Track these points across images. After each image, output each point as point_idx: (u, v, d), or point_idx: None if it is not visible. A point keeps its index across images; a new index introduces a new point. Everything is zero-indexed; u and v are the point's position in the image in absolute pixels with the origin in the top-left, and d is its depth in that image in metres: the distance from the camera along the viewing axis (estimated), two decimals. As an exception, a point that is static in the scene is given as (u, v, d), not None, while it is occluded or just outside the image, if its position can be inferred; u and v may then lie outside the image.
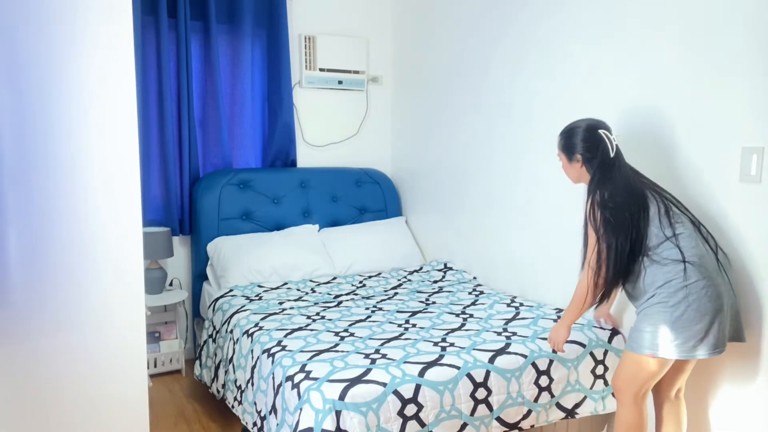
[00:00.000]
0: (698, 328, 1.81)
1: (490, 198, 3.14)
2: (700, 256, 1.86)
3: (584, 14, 2.52)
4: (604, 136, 1.99)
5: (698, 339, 1.82)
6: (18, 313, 1.82)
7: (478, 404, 2.05)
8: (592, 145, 1.99)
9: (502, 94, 3.02)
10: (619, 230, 1.87)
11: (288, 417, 1.97)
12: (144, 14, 3.23)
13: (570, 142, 2.05)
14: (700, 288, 1.81)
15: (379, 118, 4.04)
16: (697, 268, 1.83)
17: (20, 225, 1.79)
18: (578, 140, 2.03)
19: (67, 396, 1.90)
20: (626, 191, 1.91)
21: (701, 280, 1.82)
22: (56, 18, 1.77)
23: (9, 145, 1.76)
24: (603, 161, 1.97)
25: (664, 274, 1.85)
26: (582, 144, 2.01)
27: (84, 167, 1.84)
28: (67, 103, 1.81)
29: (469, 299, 2.87)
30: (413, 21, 3.76)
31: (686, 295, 1.81)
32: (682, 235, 1.88)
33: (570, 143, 2.05)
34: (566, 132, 2.08)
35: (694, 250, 1.86)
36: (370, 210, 3.81)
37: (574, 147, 2.04)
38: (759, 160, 1.90)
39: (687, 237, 1.88)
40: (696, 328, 1.81)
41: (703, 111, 2.07)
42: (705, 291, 1.81)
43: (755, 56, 1.91)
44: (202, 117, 3.49)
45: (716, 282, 1.84)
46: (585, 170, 2.03)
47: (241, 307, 2.75)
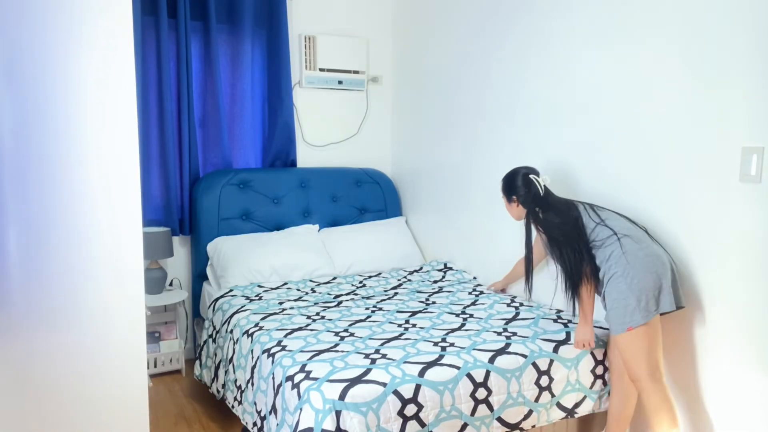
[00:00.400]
0: (651, 284, 2.05)
1: (490, 198, 3.14)
2: (629, 229, 2.17)
3: (585, 16, 2.52)
4: (534, 180, 2.38)
5: (655, 294, 2.06)
6: (18, 313, 1.82)
7: (479, 404, 2.05)
8: (526, 188, 2.39)
9: (502, 93, 3.02)
10: (570, 239, 2.21)
11: (288, 417, 1.97)
12: (144, 14, 3.23)
13: (509, 186, 2.45)
14: (636, 251, 2.09)
15: (379, 118, 4.04)
16: (630, 239, 2.13)
17: (20, 225, 1.79)
18: (515, 185, 2.42)
19: (67, 396, 1.90)
20: (558, 210, 2.30)
21: (635, 245, 2.11)
22: (56, 18, 1.77)
23: (9, 145, 1.76)
24: (535, 199, 2.36)
25: (604, 250, 2.16)
26: (518, 188, 2.41)
27: (84, 167, 1.84)
28: (67, 103, 1.81)
29: (470, 299, 2.87)
30: (413, 21, 3.76)
31: (627, 261, 2.09)
32: (609, 219, 2.23)
33: (509, 188, 2.45)
34: (506, 179, 2.47)
35: (623, 226, 2.19)
36: (370, 210, 3.81)
37: (513, 190, 2.44)
38: (759, 160, 1.90)
39: (614, 219, 2.23)
40: (649, 285, 2.05)
41: (703, 111, 2.07)
42: (642, 253, 2.09)
43: (755, 56, 1.91)
44: (202, 117, 3.49)
45: (649, 245, 2.12)
46: (521, 208, 2.42)
47: (241, 307, 2.75)
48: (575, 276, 2.19)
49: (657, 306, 2.05)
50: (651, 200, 2.27)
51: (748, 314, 1.97)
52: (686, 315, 2.17)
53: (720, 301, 2.05)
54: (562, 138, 2.66)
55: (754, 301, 1.95)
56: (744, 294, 1.98)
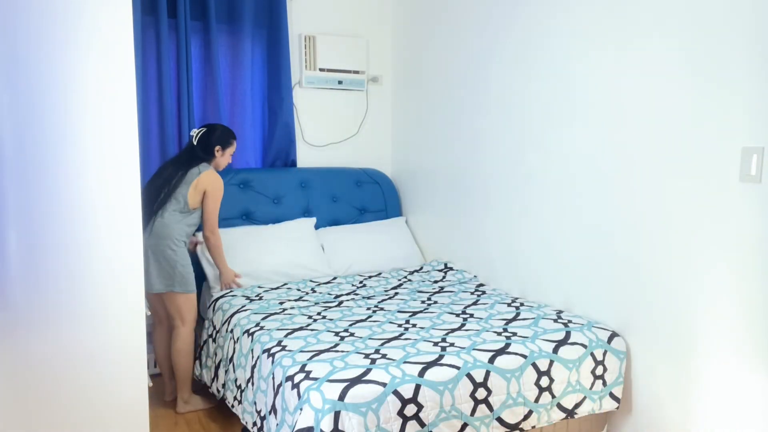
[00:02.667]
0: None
1: (491, 198, 3.14)
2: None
3: (585, 15, 2.52)
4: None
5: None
6: (18, 314, 1.82)
7: (478, 404, 2.05)
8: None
9: (502, 93, 3.02)
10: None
11: (288, 417, 1.97)
12: (144, 14, 3.23)
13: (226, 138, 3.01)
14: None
15: (379, 118, 4.04)
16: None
17: (20, 225, 1.79)
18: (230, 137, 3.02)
19: (67, 396, 1.90)
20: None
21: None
22: (56, 18, 1.77)
23: (9, 145, 1.76)
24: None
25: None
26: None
27: (84, 167, 1.84)
28: (67, 103, 1.81)
29: (470, 299, 2.87)
30: (413, 21, 3.76)
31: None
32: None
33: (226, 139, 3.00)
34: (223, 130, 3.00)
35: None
36: (370, 210, 3.81)
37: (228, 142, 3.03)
38: (759, 160, 1.90)
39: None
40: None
41: (703, 111, 2.07)
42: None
43: (755, 56, 1.91)
44: (202, 117, 3.49)
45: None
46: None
47: (242, 306, 2.75)
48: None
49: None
50: (651, 200, 2.27)
51: (748, 314, 1.97)
52: (686, 315, 2.17)
53: (719, 301, 2.05)
54: (562, 138, 2.66)
55: (754, 300, 1.95)
56: (744, 294, 1.98)
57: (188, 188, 2.81)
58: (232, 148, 3.00)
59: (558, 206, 2.70)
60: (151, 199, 2.82)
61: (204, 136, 2.93)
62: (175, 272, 2.77)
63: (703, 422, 2.13)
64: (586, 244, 2.56)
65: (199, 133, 2.93)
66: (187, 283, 2.80)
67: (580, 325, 2.40)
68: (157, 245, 2.76)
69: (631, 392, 2.39)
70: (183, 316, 2.83)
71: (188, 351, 2.84)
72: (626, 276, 2.38)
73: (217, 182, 2.87)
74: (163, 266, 2.76)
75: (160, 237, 2.76)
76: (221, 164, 2.99)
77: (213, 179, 2.86)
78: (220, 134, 2.95)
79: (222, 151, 2.96)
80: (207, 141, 2.92)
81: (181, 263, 2.79)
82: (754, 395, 1.97)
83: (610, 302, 2.46)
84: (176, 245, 2.78)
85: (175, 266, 2.77)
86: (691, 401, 2.17)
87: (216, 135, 2.94)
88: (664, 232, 2.23)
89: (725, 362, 2.05)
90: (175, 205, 2.80)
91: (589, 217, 2.54)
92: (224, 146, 2.96)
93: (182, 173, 2.83)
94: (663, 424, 2.27)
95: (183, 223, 2.81)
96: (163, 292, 2.79)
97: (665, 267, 2.22)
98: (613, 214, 2.43)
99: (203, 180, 2.83)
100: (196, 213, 2.87)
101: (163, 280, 2.77)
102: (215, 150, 2.93)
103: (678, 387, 2.21)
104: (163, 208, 2.79)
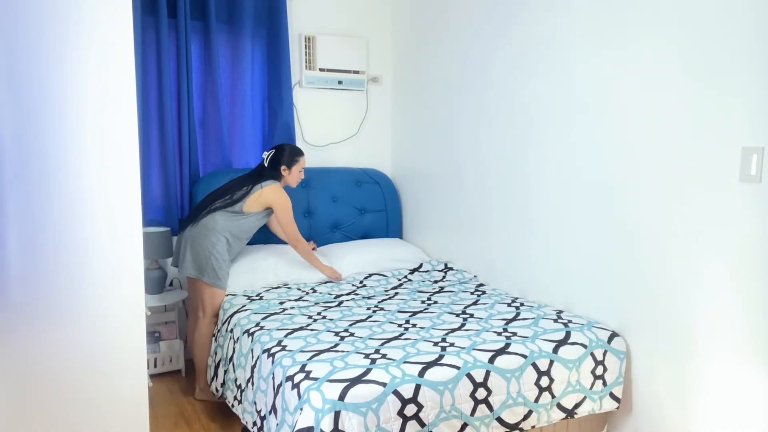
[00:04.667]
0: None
1: (491, 198, 3.14)
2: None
3: (585, 15, 2.52)
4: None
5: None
6: (18, 314, 1.82)
7: (478, 404, 2.05)
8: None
9: (502, 93, 3.02)
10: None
11: (288, 417, 1.97)
12: (144, 14, 3.23)
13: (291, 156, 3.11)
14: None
15: (379, 118, 4.04)
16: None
17: (20, 225, 1.79)
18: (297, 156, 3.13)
19: (67, 396, 1.90)
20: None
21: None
22: (56, 18, 1.77)
23: (9, 145, 1.76)
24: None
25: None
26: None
27: (84, 167, 1.84)
28: (68, 103, 1.81)
29: (470, 299, 2.87)
30: (413, 21, 3.76)
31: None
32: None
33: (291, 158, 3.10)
34: (290, 150, 3.11)
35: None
36: (370, 210, 3.80)
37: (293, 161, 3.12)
38: (759, 160, 1.90)
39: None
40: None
41: (703, 111, 2.07)
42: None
43: (755, 56, 1.91)
44: (202, 117, 3.49)
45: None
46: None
47: (242, 306, 2.75)
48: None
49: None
50: (651, 200, 2.27)
51: (748, 314, 1.97)
52: (686, 315, 2.17)
53: (720, 301, 2.05)
54: (562, 138, 2.66)
55: (754, 300, 1.95)
56: (744, 293, 1.98)
57: (249, 198, 2.95)
58: (298, 165, 3.10)
59: (558, 206, 2.70)
60: (207, 202, 2.96)
61: (274, 157, 3.06)
62: (209, 263, 2.86)
63: (703, 422, 2.13)
64: (586, 244, 2.56)
65: (270, 155, 3.07)
66: (217, 277, 2.88)
67: (580, 325, 2.40)
68: (197, 235, 2.88)
69: (631, 392, 2.39)
70: (205, 307, 2.91)
71: (205, 342, 2.93)
72: (626, 276, 2.38)
73: (281, 198, 2.98)
74: (199, 254, 2.87)
75: (205, 228, 2.88)
76: (291, 182, 3.11)
77: (277, 195, 2.97)
78: (286, 154, 3.07)
79: (288, 170, 3.07)
80: (275, 162, 3.06)
81: (215, 257, 2.87)
82: (754, 395, 1.97)
83: (610, 302, 2.46)
84: (217, 239, 2.88)
85: (209, 258, 2.86)
86: (691, 401, 2.17)
87: (282, 155, 3.07)
88: (665, 231, 2.23)
89: (725, 362, 2.05)
90: (230, 210, 2.93)
91: (589, 217, 2.54)
92: (289, 165, 3.07)
93: (248, 188, 2.96)
94: (663, 424, 2.27)
95: (230, 221, 2.92)
96: (195, 278, 2.90)
97: (665, 267, 2.22)
98: (613, 214, 2.43)
99: (266, 194, 2.96)
100: (247, 217, 2.97)
101: (195, 266, 2.88)
102: (281, 170, 3.06)
103: (678, 387, 2.21)
104: (216, 211, 2.92)
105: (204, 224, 2.89)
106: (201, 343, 2.93)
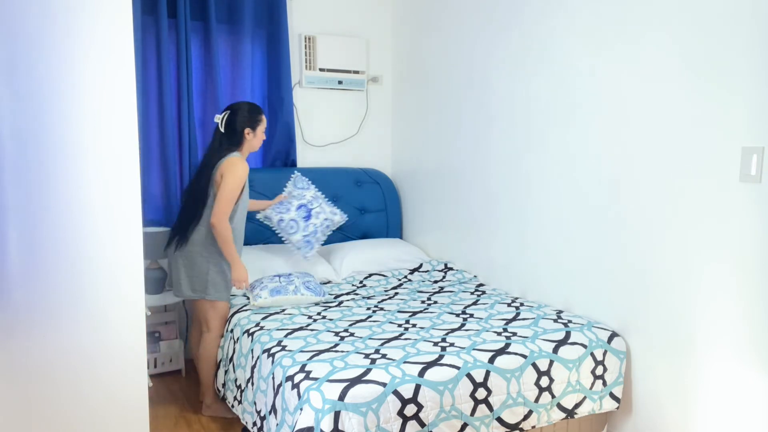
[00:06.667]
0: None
1: (491, 197, 3.14)
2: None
3: (585, 15, 2.52)
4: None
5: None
6: (18, 314, 1.82)
7: (478, 404, 2.05)
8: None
9: (502, 93, 3.02)
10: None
11: (288, 417, 1.97)
12: (144, 14, 3.23)
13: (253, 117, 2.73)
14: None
15: (379, 118, 4.04)
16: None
17: (20, 225, 1.79)
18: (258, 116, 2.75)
19: (67, 396, 1.90)
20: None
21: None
22: (55, 18, 1.77)
23: (9, 146, 1.76)
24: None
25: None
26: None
27: (84, 167, 1.84)
28: (68, 103, 1.81)
29: (470, 299, 2.87)
30: (413, 21, 3.76)
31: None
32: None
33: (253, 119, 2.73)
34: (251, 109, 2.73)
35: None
36: (370, 210, 3.80)
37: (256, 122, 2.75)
38: (759, 160, 1.90)
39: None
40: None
41: (703, 111, 2.07)
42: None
43: (755, 56, 1.91)
44: (202, 117, 3.48)
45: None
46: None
47: (242, 306, 2.75)
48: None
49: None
50: (651, 199, 2.27)
51: (748, 314, 1.97)
52: (686, 315, 2.17)
53: (719, 301, 2.05)
54: (562, 137, 2.66)
55: (754, 300, 1.95)
56: (744, 293, 1.98)
57: (213, 186, 2.64)
58: (262, 125, 2.72)
59: (558, 206, 2.70)
60: (184, 215, 2.68)
61: (230, 120, 2.66)
62: (207, 280, 2.67)
63: (703, 422, 2.13)
64: (586, 244, 2.56)
65: (224, 117, 2.66)
66: (218, 290, 2.69)
67: (580, 325, 2.40)
68: (189, 253, 2.66)
69: (631, 392, 2.39)
70: (209, 322, 2.73)
71: (209, 357, 2.76)
72: (626, 276, 2.38)
73: (238, 169, 2.59)
74: (198, 274, 2.66)
75: (193, 244, 2.65)
76: (256, 145, 2.73)
77: (235, 166, 2.59)
78: (247, 114, 2.68)
79: (253, 132, 2.70)
80: (233, 125, 2.66)
81: (213, 269, 2.67)
82: (754, 395, 1.97)
83: (610, 302, 2.46)
84: (210, 251, 2.66)
85: (207, 273, 2.66)
86: (691, 401, 2.16)
87: (242, 116, 2.67)
88: (665, 231, 2.23)
89: (725, 362, 2.05)
90: (208, 211, 2.65)
91: (588, 216, 2.54)
92: (253, 126, 2.69)
93: (210, 176, 2.64)
94: (663, 424, 2.27)
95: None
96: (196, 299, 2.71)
97: (665, 267, 2.22)
98: (613, 214, 2.43)
99: (224, 165, 2.60)
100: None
101: (193, 287, 2.68)
102: (245, 133, 2.68)
103: (678, 387, 2.21)
104: (202, 218, 2.65)
105: (192, 241, 2.65)
106: (207, 359, 2.76)
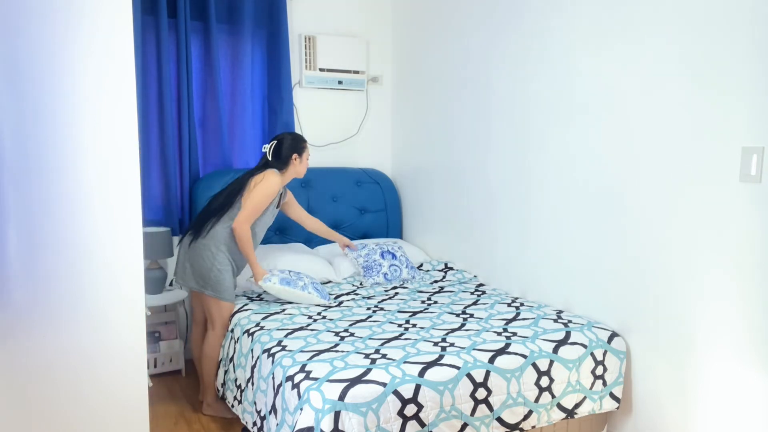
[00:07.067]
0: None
1: (491, 197, 3.14)
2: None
3: (585, 15, 2.52)
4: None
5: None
6: (18, 314, 1.82)
7: (479, 404, 2.05)
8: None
9: (502, 93, 3.02)
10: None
11: (288, 417, 1.97)
12: (144, 14, 3.23)
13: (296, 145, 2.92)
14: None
15: (379, 118, 4.04)
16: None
17: (20, 225, 1.79)
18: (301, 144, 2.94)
19: (67, 396, 1.90)
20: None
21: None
22: (55, 18, 1.77)
23: (9, 145, 1.76)
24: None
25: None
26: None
27: (84, 167, 1.84)
28: (67, 103, 1.81)
29: (470, 299, 2.87)
30: (413, 21, 3.76)
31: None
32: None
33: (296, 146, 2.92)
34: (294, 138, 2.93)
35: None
36: (370, 210, 3.80)
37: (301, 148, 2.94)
38: (759, 160, 1.90)
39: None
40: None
41: (703, 111, 2.07)
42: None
43: (755, 56, 1.91)
44: (202, 117, 3.49)
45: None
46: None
47: (242, 306, 2.75)
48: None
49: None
50: (651, 199, 2.27)
51: (748, 313, 1.97)
52: (686, 315, 2.17)
53: (719, 301, 2.05)
54: (562, 138, 2.66)
55: (754, 300, 1.95)
56: (744, 293, 1.98)
57: (245, 193, 2.78)
58: (307, 151, 2.94)
59: (558, 206, 2.70)
60: (208, 213, 2.79)
61: (276, 148, 2.88)
62: (210, 276, 2.72)
63: (703, 422, 2.13)
64: (586, 244, 2.56)
65: (271, 147, 2.88)
66: (221, 289, 2.73)
67: (580, 325, 2.40)
68: (197, 246, 2.74)
69: (631, 392, 2.39)
70: (214, 320, 2.76)
71: (212, 357, 2.78)
72: (626, 276, 2.38)
73: (270, 179, 2.77)
74: (201, 267, 2.73)
75: (205, 239, 2.73)
76: (301, 171, 2.94)
77: (268, 179, 2.77)
78: (292, 142, 2.90)
79: (299, 158, 2.90)
80: (279, 153, 2.87)
81: (218, 268, 2.72)
82: (754, 395, 1.97)
83: (610, 302, 2.46)
84: (217, 250, 2.73)
85: (211, 270, 2.71)
86: (691, 401, 2.17)
87: (287, 144, 2.88)
88: (665, 231, 2.23)
89: (725, 362, 2.05)
90: (231, 216, 2.77)
91: (589, 217, 2.54)
92: (300, 153, 2.90)
93: (247, 182, 2.80)
94: (663, 424, 2.27)
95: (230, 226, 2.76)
96: (198, 292, 2.77)
97: (665, 267, 2.22)
98: (613, 214, 2.43)
99: (259, 178, 2.79)
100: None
101: (197, 278, 2.74)
102: (292, 158, 2.88)
103: (678, 387, 2.21)
104: (222, 217, 2.76)
105: (207, 236, 2.74)
106: (210, 357, 2.78)
